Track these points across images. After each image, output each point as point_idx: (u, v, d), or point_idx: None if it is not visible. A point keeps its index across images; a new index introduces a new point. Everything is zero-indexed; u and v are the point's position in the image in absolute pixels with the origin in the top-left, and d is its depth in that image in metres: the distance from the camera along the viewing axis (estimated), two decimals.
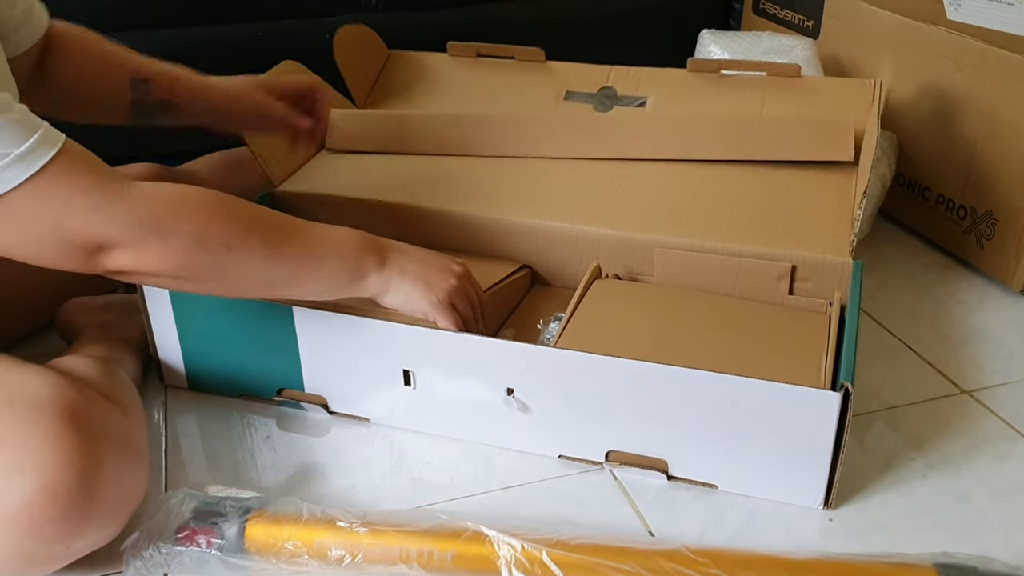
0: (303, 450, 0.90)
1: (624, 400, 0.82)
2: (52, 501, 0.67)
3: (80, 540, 0.71)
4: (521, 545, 0.73)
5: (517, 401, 0.85)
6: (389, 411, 0.92)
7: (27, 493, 0.67)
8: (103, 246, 0.71)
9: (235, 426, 0.93)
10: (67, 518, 0.68)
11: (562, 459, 0.88)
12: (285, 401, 0.95)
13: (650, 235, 0.99)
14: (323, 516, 0.76)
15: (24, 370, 0.73)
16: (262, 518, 0.76)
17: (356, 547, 0.74)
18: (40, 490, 0.67)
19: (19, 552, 0.69)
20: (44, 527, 0.68)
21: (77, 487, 0.68)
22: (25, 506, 0.67)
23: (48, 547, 0.69)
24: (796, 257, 0.95)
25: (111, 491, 0.71)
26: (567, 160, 1.12)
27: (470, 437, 0.90)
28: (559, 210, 1.03)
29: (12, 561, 0.69)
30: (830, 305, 0.94)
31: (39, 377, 0.72)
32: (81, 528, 0.70)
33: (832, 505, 0.82)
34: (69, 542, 0.70)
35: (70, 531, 0.69)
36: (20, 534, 0.67)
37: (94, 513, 0.70)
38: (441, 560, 0.74)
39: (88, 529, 0.71)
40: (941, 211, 1.27)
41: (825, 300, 0.95)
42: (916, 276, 1.23)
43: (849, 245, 0.93)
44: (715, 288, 0.98)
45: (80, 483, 0.68)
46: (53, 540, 0.69)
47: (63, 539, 0.69)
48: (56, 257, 0.71)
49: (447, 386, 0.88)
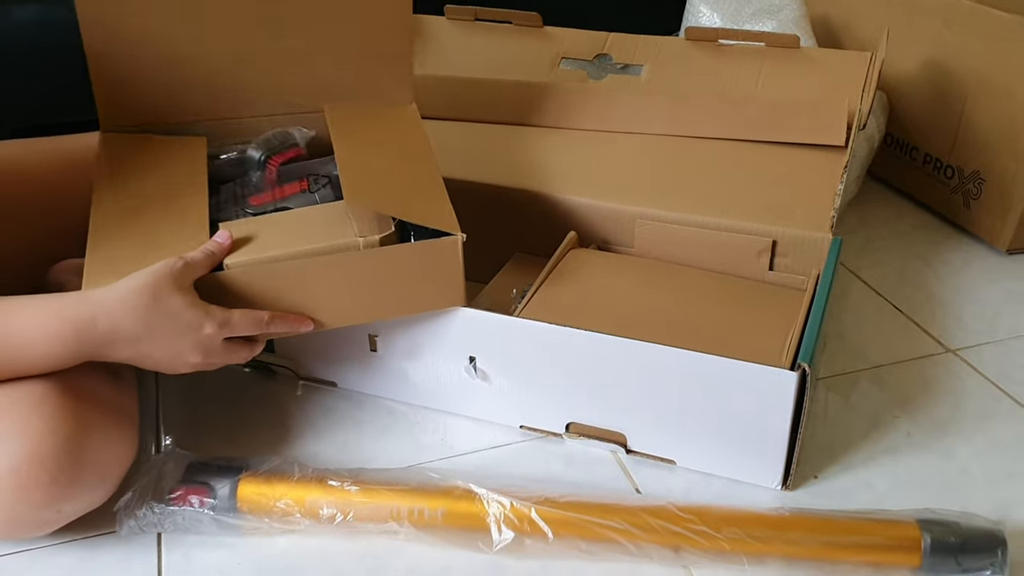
0: (286, 412, 0.91)
1: (584, 372, 0.82)
2: (40, 466, 0.67)
3: (70, 504, 0.71)
4: (510, 502, 0.74)
5: (479, 370, 0.86)
6: (356, 376, 0.92)
7: (14, 459, 0.67)
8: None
9: (220, 387, 0.94)
10: (55, 483, 0.69)
11: (523, 429, 0.89)
12: (256, 364, 0.95)
13: (631, 206, 0.98)
14: (314, 475, 0.77)
15: None
16: (254, 477, 0.77)
17: (347, 505, 0.75)
18: (27, 455, 0.67)
19: (9, 517, 0.69)
20: (33, 492, 0.68)
21: (64, 452, 0.68)
22: (13, 472, 0.67)
23: (38, 511, 0.70)
24: (777, 232, 0.94)
25: (99, 455, 0.72)
26: (555, 129, 1.12)
27: (433, 404, 0.91)
28: (539, 177, 1.03)
29: (3, 525, 0.70)
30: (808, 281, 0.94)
31: None
32: (70, 492, 0.70)
33: (791, 487, 0.81)
34: (59, 506, 0.71)
35: (59, 495, 0.70)
36: (10, 500, 0.68)
37: (83, 477, 0.70)
38: (432, 518, 0.75)
39: (77, 493, 0.71)
40: (928, 171, 1.27)
41: (804, 276, 0.95)
42: (903, 236, 1.23)
43: (830, 221, 0.93)
44: (695, 262, 0.97)
45: (67, 447, 0.69)
46: (42, 505, 0.69)
47: (52, 503, 0.70)
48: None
49: (410, 352, 0.88)
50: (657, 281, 0.94)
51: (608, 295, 0.90)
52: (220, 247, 0.76)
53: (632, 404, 0.82)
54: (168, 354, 0.74)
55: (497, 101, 1.14)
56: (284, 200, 0.85)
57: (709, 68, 1.15)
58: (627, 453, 0.85)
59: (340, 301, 0.80)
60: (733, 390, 0.77)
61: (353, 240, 0.78)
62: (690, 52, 1.17)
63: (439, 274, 0.80)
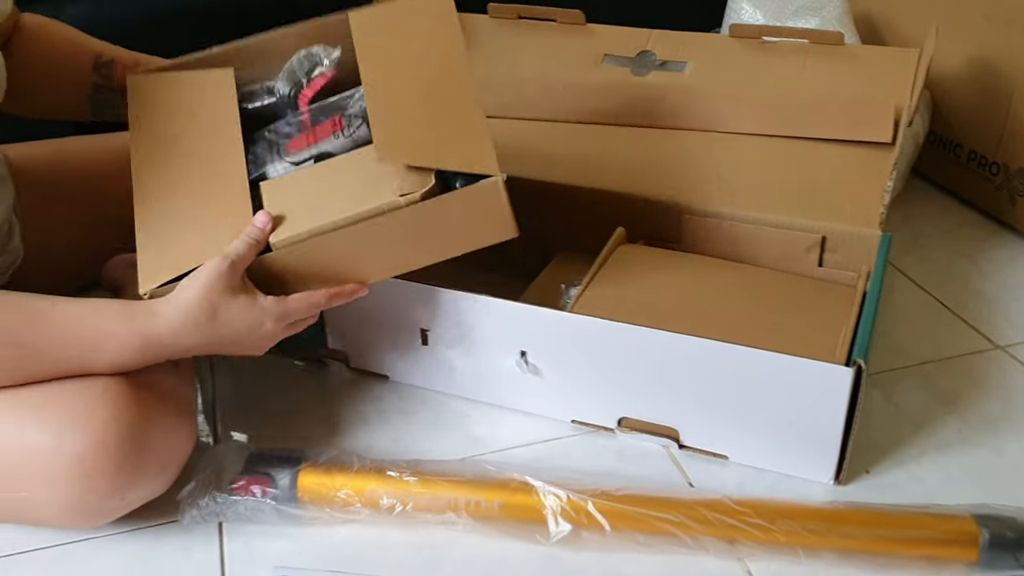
0: (339, 404, 0.92)
1: (636, 367, 0.83)
2: (105, 455, 0.69)
3: (133, 492, 0.73)
4: (567, 495, 0.75)
5: (530, 364, 0.86)
6: (407, 370, 0.93)
7: (80, 448, 0.69)
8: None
9: (274, 379, 0.95)
10: (120, 471, 0.70)
11: (574, 424, 0.89)
12: (308, 357, 0.96)
13: (679, 201, 0.99)
14: (373, 466, 0.78)
15: None
16: (314, 468, 0.78)
17: (406, 496, 0.76)
18: (92, 445, 0.69)
19: (76, 504, 0.71)
20: (98, 481, 0.70)
21: (128, 440, 0.70)
22: (79, 461, 0.69)
23: (103, 500, 0.72)
24: (826, 228, 0.94)
25: (161, 443, 0.74)
26: (600, 126, 1.12)
27: (485, 398, 0.92)
28: (588, 172, 1.03)
29: (70, 513, 0.72)
30: (859, 277, 0.94)
31: None
32: (134, 480, 0.72)
33: (843, 481, 0.82)
34: (123, 494, 0.73)
35: (123, 484, 0.71)
36: (76, 489, 0.70)
37: (146, 465, 0.72)
38: (488, 509, 0.76)
39: (140, 481, 0.73)
40: (973, 168, 1.26)
41: (854, 272, 0.94)
42: (948, 233, 1.23)
43: (879, 217, 0.93)
44: (743, 257, 0.98)
45: (131, 436, 0.70)
46: (107, 493, 0.71)
47: (117, 491, 0.72)
48: None
49: (461, 346, 0.89)
50: (707, 276, 0.94)
51: (658, 290, 0.91)
52: (262, 233, 0.76)
53: (685, 399, 0.83)
54: (236, 350, 0.77)
55: (541, 98, 1.14)
56: (320, 145, 0.83)
57: (753, 64, 1.15)
58: (679, 448, 0.85)
59: (388, 258, 0.80)
60: (788, 386, 0.78)
61: (394, 200, 0.76)
62: (734, 49, 1.17)
63: (486, 214, 0.79)
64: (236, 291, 0.74)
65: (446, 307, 0.87)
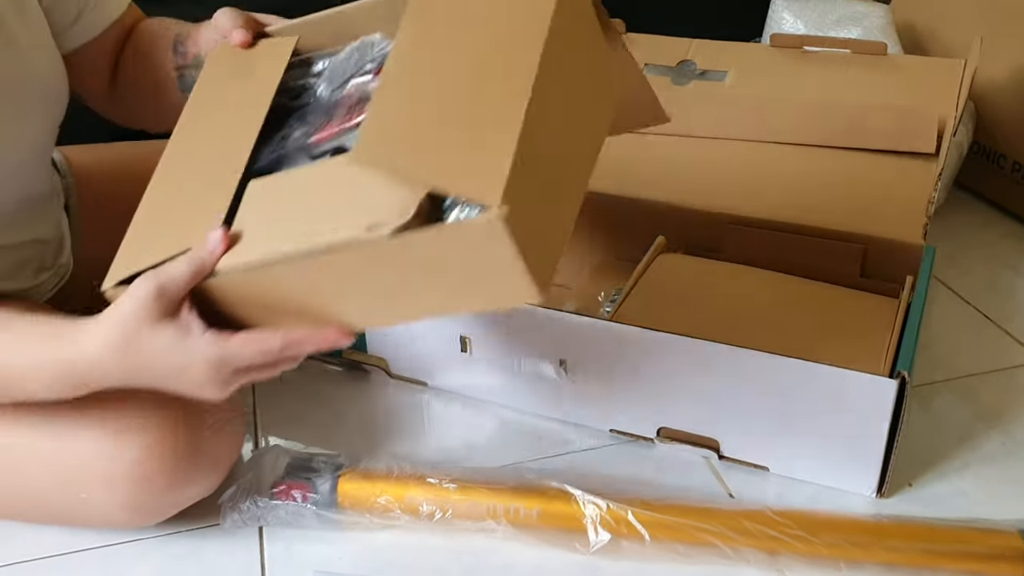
0: (378, 411, 0.93)
1: (676, 377, 0.82)
2: (160, 457, 0.71)
3: (187, 491, 0.75)
4: (607, 504, 0.75)
5: (569, 373, 0.86)
6: (446, 377, 0.94)
7: (136, 452, 0.70)
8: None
9: (315, 385, 0.96)
10: (174, 472, 0.72)
11: (613, 433, 0.89)
12: (347, 362, 0.97)
13: (721, 210, 0.99)
14: (413, 472, 0.79)
15: None
16: (354, 474, 0.78)
17: (446, 503, 0.76)
18: (148, 448, 0.71)
19: (132, 504, 0.73)
20: (154, 482, 0.72)
21: (183, 442, 0.72)
22: (136, 463, 0.71)
23: (157, 500, 0.73)
24: (869, 238, 0.94)
25: (213, 444, 0.75)
26: (641, 135, 1.12)
27: (524, 406, 0.92)
28: (629, 181, 1.03)
29: (127, 513, 0.74)
30: (902, 288, 0.93)
31: None
32: (187, 481, 0.74)
33: (886, 494, 0.81)
34: (178, 493, 0.74)
35: (178, 483, 0.73)
36: (132, 490, 0.72)
37: (199, 466, 0.74)
38: (527, 517, 0.76)
39: (194, 482, 0.74)
40: (1017, 179, 1.25)
41: (897, 283, 0.93)
42: (992, 245, 1.22)
43: (923, 228, 0.93)
44: (785, 267, 0.97)
45: (185, 438, 0.72)
46: (163, 492, 0.73)
47: (173, 491, 0.73)
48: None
49: (502, 354, 0.89)
50: (748, 286, 0.94)
51: (700, 300, 0.91)
52: (209, 256, 0.62)
53: (727, 409, 0.82)
54: (170, 388, 0.66)
55: None
56: (340, 137, 0.67)
57: (795, 74, 1.14)
58: (719, 459, 0.85)
59: (365, 303, 0.63)
60: (831, 396, 0.77)
61: (355, 235, 0.57)
62: (775, 58, 1.16)
63: (487, 262, 0.56)
64: (160, 320, 0.62)
65: (487, 314, 0.87)
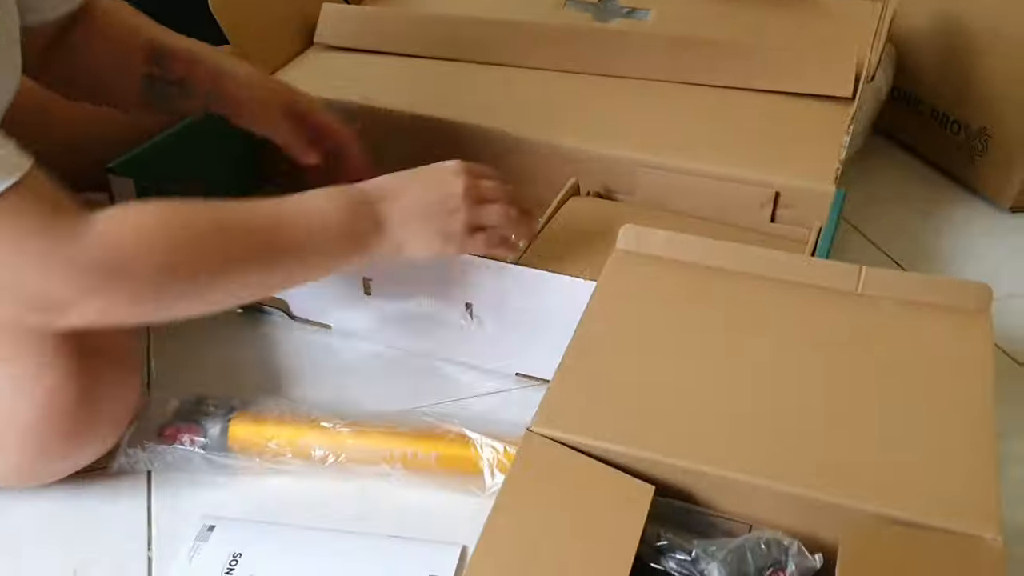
0: (278, 354, 0.90)
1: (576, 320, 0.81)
2: (56, 421, 0.68)
3: (84, 454, 0.72)
4: (504, 447, 0.74)
5: (475, 317, 0.85)
6: (350, 320, 0.91)
7: (32, 416, 0.67)
8: (61, 304, 0.62)
9: (211, 327, 0.92)
10: (72, 436, 0.69)
11: (519, 377, 0.88)
12: (248, 305, 0.94)
13: (633, 153, 0.97)
14: (306, 416, 0.77)
15: None
16: (245, 418, 0.76)
17: (340, 447, 0.74)
18: (43, 411, 0.67)
19: (28, 470, 0.71)
20: (51, 446, 0.69)
21: (78, 405, 0.68)
22: (31, 428, 0.67)
23: (55, 464, 0.71)
24: (780, 183, 0.92)
25: (112, 404, 0.72)
26: (557, 73, 1.10)
27: (428, 350, 0.90)
28: (540, 123, 1.01)
29: (21, 475, 0.71)
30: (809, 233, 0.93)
31: None
32: (85, 443, 0.71)
33: None
34: (75, 458, 0.71)
35: (74, 447, 0.70)
36: (29, 455, 0.69)
37: (97, 427, 0.71)
38: (424, 461, 0.75)
39: (91, 443, 0.71)
40: (935, 126, 1.25)
41: (806, 229, 0.93)
42: (906, 191, 1.22)
43: (834, 173, 0.92)
44: (697, 211, 0.96)
45: (81, 400, 0.68)
46: (60, 457, 0.70)
47: (70, 455, 0.70)
48: (15, 312, 0.63)
49: (405, 297, 0.87)
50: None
51: (608, 244, 0.89)
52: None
53: None
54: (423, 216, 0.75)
55: (498, 42, 1.12)
56: None
57: (715, 15, 1.13)
58: None
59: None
60: None
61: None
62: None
63: None
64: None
65: None
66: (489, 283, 0.83)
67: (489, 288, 0.83)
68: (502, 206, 0.79)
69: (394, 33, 1.15)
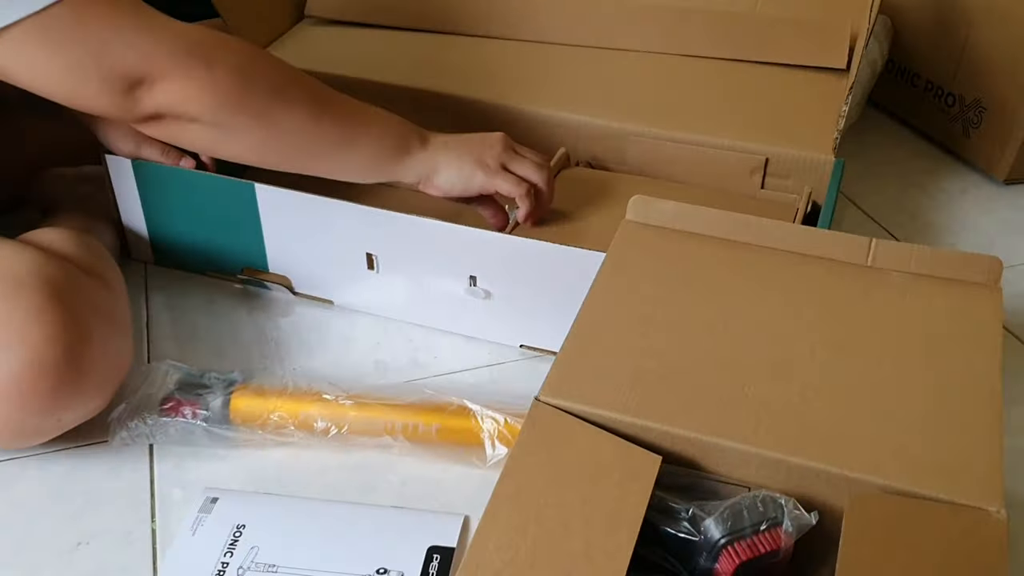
0: (280, 329, 0.90)
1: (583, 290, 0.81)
2: (40, 376, 0.67)
3: (69, 412, 0.71)
4: (504, 419, 0.74)
5: (480, 290, 0.85)
6: (353, 295, 0.91)
7: (15, 369, 0.66)
8: (146, 78, 0.69)
9: (212, 302, 0.93)
10: (56, 392, 0.68)
11: (523, 348, 0.88)
12: (250, 280, 0.94)
13: (623, 124, 0.97)
14: (308, 389, 0.77)
15: (2, 248, 0.71)
16: (247, 390, 0.76)
17: (342, 419, 0.75)
18: (27, 365, 0.67)
19: (11, 427, 0.69)
20: (34, 401, 0.68)
21: (64, 361, 0.68)
22: (14, 382, 0.67)
23: (38, 420, 0.70)
24: (775, 152, 0.93)
25: (98, 364, 0.71)
26: (544, 44, 1.09)
27: (432, 323, 0.90)
28: (531, 94, 1.01)
29: (5, 431, 0.70)
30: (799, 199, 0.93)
31: (17, 254, 0.71)
32: (70, 401, 0.70)
33: None
34: (59, 415, 0.71)
35: (59, 404, 0.69)
36: (11, 408, 0.68)
37: (82, 386, 0.70)
38: (426, 433, 0.75)
39: (77, 402, 0.71)
40: (929, 98, 1.25)
41: (796, 195, 0.93)
42: (901, 164, 1.22)
43: (832, 143, 0.92)
44: (688, 179, 0.96)
45: (67, 357, 0.68)
46: (43, 413, 0.69)
47: (53, 412, 0.70)
48: (95, 89, 0.69)
49: (408, 271, 0.87)
50: None
51: (602, 212, 0.89)
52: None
53: None
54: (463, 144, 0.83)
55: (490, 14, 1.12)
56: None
57: None
58: None
59: None
60: None
61: None
62: None
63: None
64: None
65: (392, 230, 0.84)
66: (491, 255, 0.83)
67: (492, 260, 0.83)
68: (534, 163, 0.85)
69: (385, 5, 1.14)
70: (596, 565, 0.51)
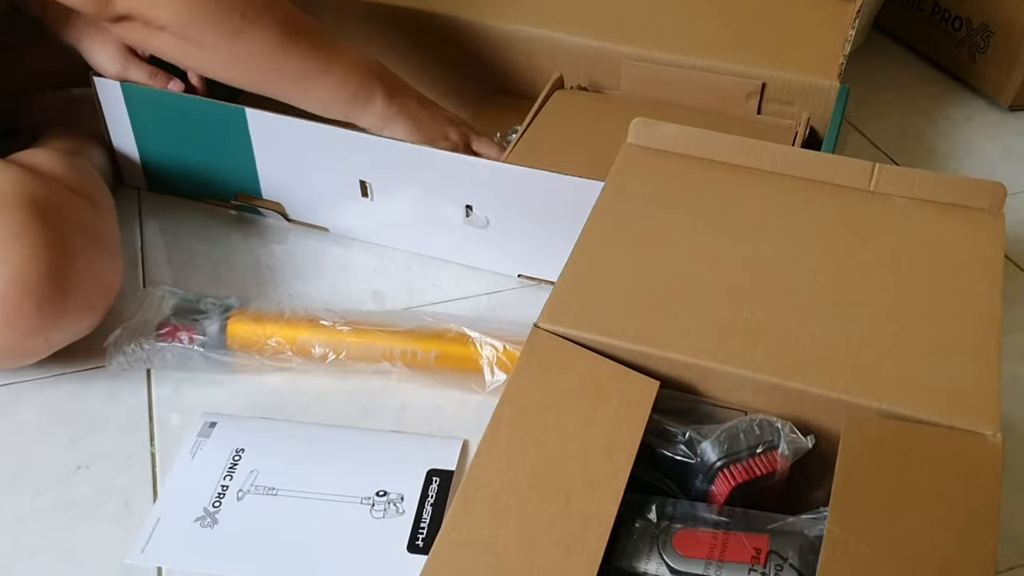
0: (275, 255, 0.89)
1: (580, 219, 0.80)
2: (25, 294, 0.66)
3: (57, 332, 0.71)
4: (503, 345, 0.74)
5: (482, 217, 0.84)
6: (347, 222, 0.90)
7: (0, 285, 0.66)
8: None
9: (207, 228, 0.92)
10: (41, 311, 0.68)
11: (521, 278, 0.87)
12: (243, 206, 0.93)
13: (619, 46, 0.95)
14: (305, 315, 0.76)
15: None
16: (244, 316, 0.76)
17: (340, 345, 0.74)
18: (11, 284, 0.66)
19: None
20: (19, 320, 0.67)
21: (48, 279, 0.67)
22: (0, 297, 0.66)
23: (25, 340, 0.69)
24: (776, 77, 0.91)
25: (84, 283, 0.71)
26: None
27: (428, 252, 0.89)
28: (525, 15, 0.98)
29: None
30: (797, 124, 0.91)
31: (1, 173, 0.70)
32: (56, 320, 0.69)
33: None
34: (46, 335, 0.70)
35: (45, 324, 0.69)
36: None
37: (68, 305, 0.69)
38: (424, 359, 0.75)
39: (64, 321, 0.70)
40: (936, 22, 1.23)
41: (794, 121, 0.92)
42: (905, 89, 1.21)
43: (838, 67, 0.90)
44: (683, 103, 0.94)
45: (51, 275, 0.67)
46: (29, 333, 0.68)
47: (39, 331, 0.69)
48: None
49: (403, 198, 0.86)
50: None
51: (598, 138, 0.88)
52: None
53: None
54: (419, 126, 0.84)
55: None
56: (725, 567, 0.52)
57: None
58: None
59: None
60: None
61: None
62: None
63: None
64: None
65: (386, 158, 0.83)
66: (486, 183, 0.81)
67: (486, 188, 0.82)
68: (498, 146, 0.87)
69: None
70: (594, 487, 0.52)
